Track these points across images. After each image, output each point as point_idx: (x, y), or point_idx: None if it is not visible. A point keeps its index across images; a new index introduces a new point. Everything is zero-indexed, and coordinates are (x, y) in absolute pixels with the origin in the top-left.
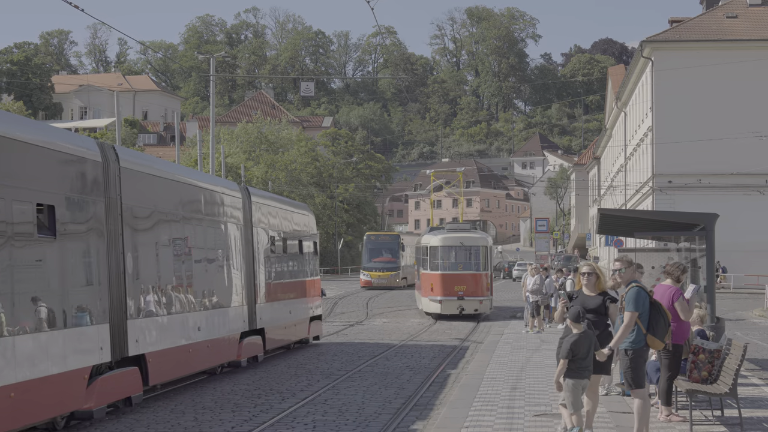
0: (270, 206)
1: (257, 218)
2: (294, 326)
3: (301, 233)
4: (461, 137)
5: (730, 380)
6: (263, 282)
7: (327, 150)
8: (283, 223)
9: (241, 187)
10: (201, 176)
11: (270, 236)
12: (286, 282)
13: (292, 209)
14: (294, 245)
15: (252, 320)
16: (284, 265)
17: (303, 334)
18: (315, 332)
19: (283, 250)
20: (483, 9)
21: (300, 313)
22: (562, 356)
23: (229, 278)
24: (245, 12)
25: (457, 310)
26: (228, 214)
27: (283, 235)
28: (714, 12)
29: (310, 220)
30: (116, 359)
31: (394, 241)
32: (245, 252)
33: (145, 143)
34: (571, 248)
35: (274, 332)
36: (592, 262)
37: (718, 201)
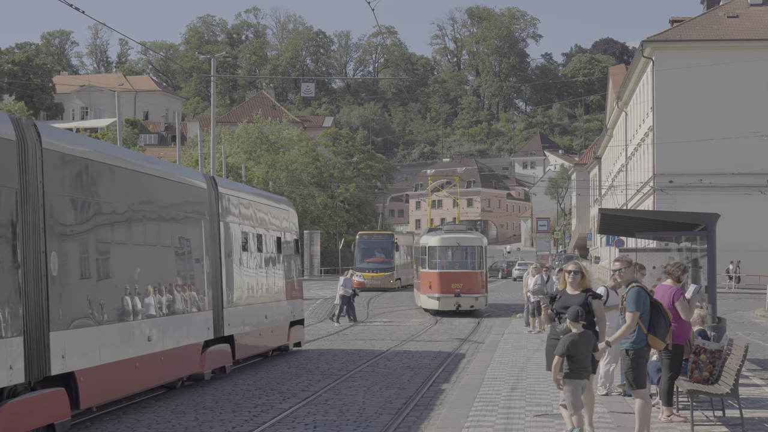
0: (242, 199)
1: (226, 211)
2: (271, 332)
3: (280, 229)
4: (462, 137)
5: (732, 381)
6: (233, 283)
7: (328, 150)
8: (257, 217)
9: (206, 177)
10: (155, 163)
11: (242, 232)
12: (261, 283)
13: (270, 203)
14: (271, 242)
15: (218, 326)
16: (259, 264)
17: (282, 341)
18: (296, 338)
19: (258, 247)
20: (483, 9)
21: (278, 317)
22: (558, 353)
23: (190, 279)
24: (246, 12)
25: (454, 307)
26: (189, 207)
27: (257, 230)
28: (715, 12)
29: (290, 216)
30: (35, 379)
31: (388, 241)
32: (210, 249)
33: (146, 143)
34: (571, 248)
35: (245, 339)
36: (578, 260)
37: (719, 201)
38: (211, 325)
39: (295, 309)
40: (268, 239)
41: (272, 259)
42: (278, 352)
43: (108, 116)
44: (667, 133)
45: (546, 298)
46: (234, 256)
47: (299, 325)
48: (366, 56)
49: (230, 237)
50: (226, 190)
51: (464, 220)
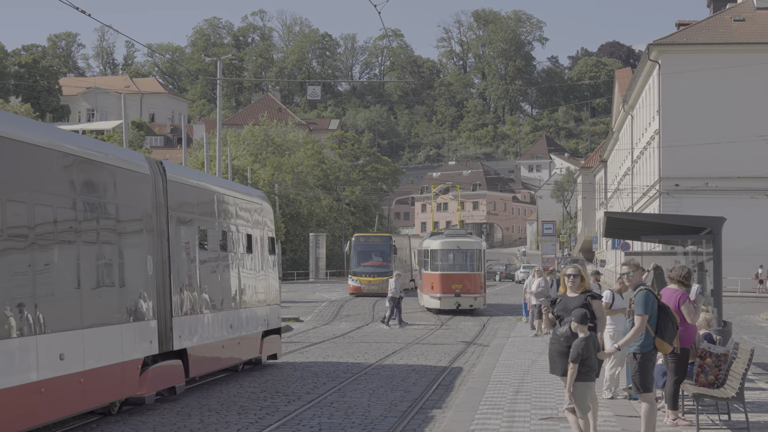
0: (199, 188)
1: (177, 202)
2: (237, 344)
3: (251, 225)
4: (468, 140)
5: (737, 384)
6: (186, 287)
7: (333, 152)
8: (221, 210)
9: (150, 161)
10: (79, 142)
11: (199, 227)
12: (225, 287)
13: (238, 195)
14: (238, 240)
15: (165, 339)
16: (221, 265)
17: (252, 353)
18: (271, 350)
19: (221, 245)
20: (489, 12)
21: (247, 326)
22: (573, 361)
23: (122, 283)
24: (252, 15)
25: (454, 306)
26: (125, 196)
27: (220, 226)
28: (721, 15)
29: (264, 210)
30: None
31: (386, 243)
32: (155, 247)
33: (152, 145)
34: (577, 251)
35: (204, 353)
36: (578, 264)
37: (725, 204)
38: (155, 337)
39: (270, 317)
40: (235, 236)
41: (240, 260)
42: (249, 365)
43: (114, 118)
44: (673, 136)
45: (546, 302)
46: (188, 255)
47: (275, 334)
48: (372, 59)
49: (183, 233)
50: (178, 178)
51: (469, 223)
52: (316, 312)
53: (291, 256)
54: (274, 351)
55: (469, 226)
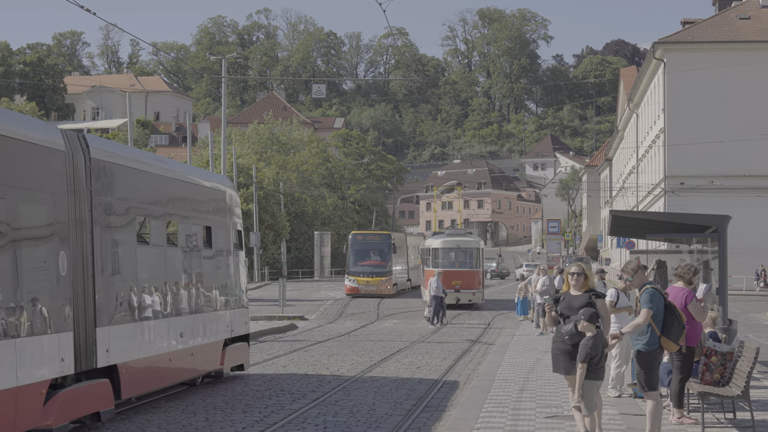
0: (138, 171)
1: (104, 186)
2: (190, 356)
3: (210, 215)
4: (472, 138)
5: (743, 383)
6: (117, 290)
7: (338, 151)
8: (169, 198)
9: (67, 134)
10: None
11: (137, 218)
12: (174, 289)
13: (193, 179)
14: (193, 233)
15: (86, 355)
16: (169, 263)
17: (211, 365)
18: (235, 360)
19: (169, 239)
20: (494, 10)
21: (203, 334)
22: (582, 360)
23: (14, 288)
24: (257, 13)
25: (454, 301)
26: (23, 177)
27: (168, 216)
28: (726, 13)
29: (228, 199)
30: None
31: (384, 242)
32: (72, 242)
33: (156, 144)
34: (582, 250)
35: (141, 369)
36: (582, 262)
37: (731, 203)
38: (69, 353)
39: (235, 322)
40: (188, 228)
41: (195, 256)
42: (210, 379)
43: (119, 117)
44: (679, 134)
45: (550, 300)
46: (121, 251)
47: (241, 342)
48: (377, 57)
49: (114, 224)
50: (107, 156)
51: (474, 222)
52: (320, 310)
53: (296, 254)
54: (239, 361)
55: (474, 224)
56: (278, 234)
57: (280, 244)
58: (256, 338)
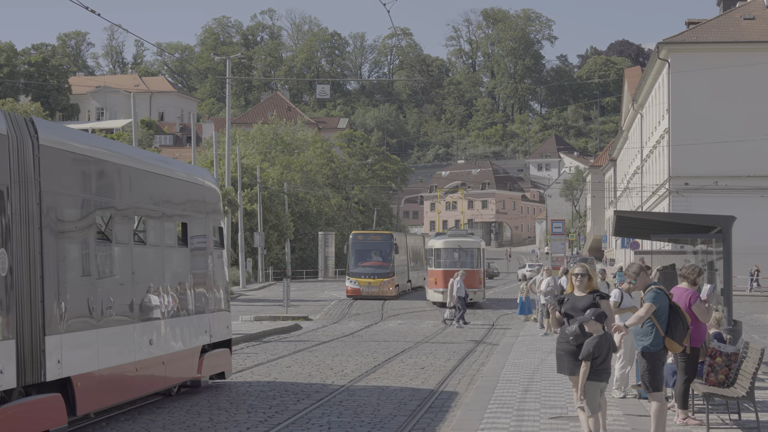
0: (97, 161)
1: (56, 177)
2: (161, 364)
3: (185, 211)
4: (477, 139)
5: (748, 383)
6: (73, 293)
7: (342, 151)
8: (136, 191)
9: (12, 117)
10: None
11: (97, 213)
12: (141, 291)
13: (165, 171)
14: (164, 229)
15: (33, 367)
16: (136, 262)
17: (186, 374)
18: (214, 368)
19: (136, 237)
20: (499, 10)
21: (177, 340)
22: (584, 358)
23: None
24: (261, 14)
25: None
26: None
27: (134, 211)
28: (731, 14)
29: (206, 192)
30: None
31: (386, 242)
32: (14, 239)
33: (161, 144)
34: (586, 250)
35: (102, 380)
36: (586, 263)
37: (735, 203)
38: (11, 365)
39: (214, 326)
40: (159, 224)
41: (167, 255)
42: (187, 388)
43: (123, 117)
44: (683, 135)
45: (554, 301)
46: (76, 249)
47: (222, 348)
48: (381, 58)
49: (68, 218)
50: (59, 143)
51: (478, 222)
52: (325, 311)
53: (300, 254)
54: (219, 369)
55: (478, 225)
56: (282, 234)
57: (284, 245)
58: (260, 338)
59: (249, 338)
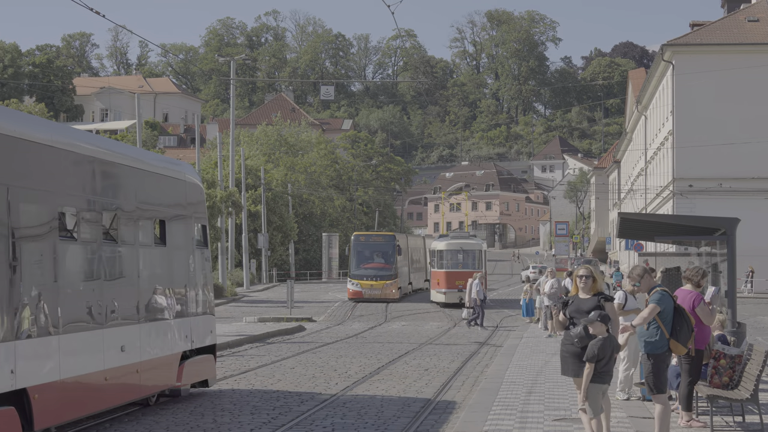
0: (60, 151)
1: (16, 171)
2: (135, 373)
3: (163, 207)
4: (481, 140)
5: (752, 386)
6: (28, 297)
7: (346, 153)
8: (106, 185)
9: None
10: None
11: (54, 208)
12: (112, 294)
13: (138, 163)
14: (139, 227)
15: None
16: (106, 262)
17: (164, 382)
18: (196, 375)
19: (107, 235)
20: (503, 12)
21: (153, 346)
22: (589, 360)
23: None
24: (266, 15)
25: (457, 300)
26: None
27: (103, 207)
28: (735, 15)
29: (187, 188)
30: None
31: (389, 243)
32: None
33: (165, 145)
34: (590, 252)
35: (65, 392)
36: (590, 265)
37: (739, 205)
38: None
39: (196, 331)
40: (133, 222)
41: (143, 254)
42: (165, 398)
43: (128, 118)
44: (687, 137)
45: (559, 303)
46: (29, 247)
47: (205, 354)
48: (385, 59)
49: (23, 214)
50: (10, 131)
51: (482, 224)
52: (328, 312)
53: (304, 256)
54: (202, 376)
55: (482, 226)
56: (286, 235)
57: (288, 246)
58: (264, 339)
59: (253, 339)
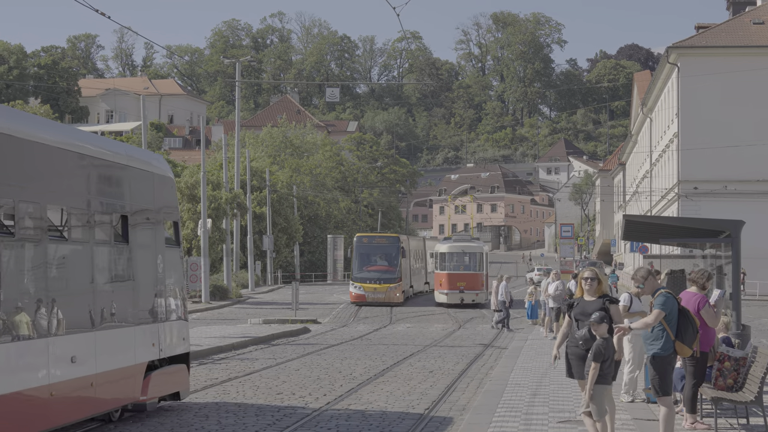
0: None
1: None
2: (89, 386)
3: (126, 201)
4: (486, 142)
5: (756, 388)
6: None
7: (352, 154)
8: (48, 174)
9: None
10: None
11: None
12: (60, 298)
13: (94, 152)
14: (95, 223)
15: None
16: (50, 263)
17: (127, 395)
18: (166, 388)
19: (53, 230)
20: (508, 14)
21: (112, 357)
22: (594, 360)
23: None
24: (271, 17)
25: (458, 300)
26: None
27: (48, 199)
28: (741, 18)
29: (154, 181)
30: None
31: (393, 245)
32: None
33: (170, 147)
34: (595, 254)
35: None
36: (595, 267)
37: (744, 208)
38: None
39: (165, 339)
40: (88, 217)
41: (98, 253)
42: (129, 413)
43: (133, 119)
44: (692, 139)
45: (564, 305)
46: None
47: (176, 365)
48: (390, 61)
49: None
50: None
51: (487, 226)
52: (333, 314)
53: (309, 257)
54: (173, 388)
55: (487, 228)
56: (291, 237)
57: (293, 248)
58: (269, 341)
59: (258, 341)
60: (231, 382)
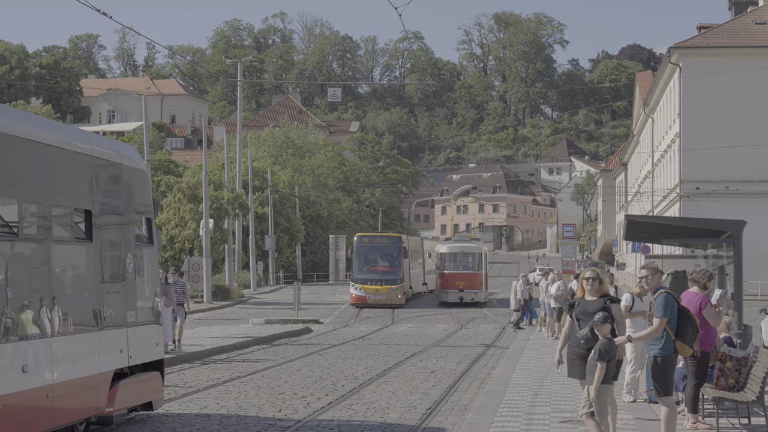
0: None
1: None
2: (45, 398)
3: (86, 195)
4: (488, 142)
5: (758, 388)
6: None
7: (354, 155)
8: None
9: None
10: None
11: None
12: (9, 302)
13: (53, 140)
14: (51, 219)
15: None
16: (1, 265)
17: (90, 406)
18: (136, 398)
19: (2, 225)
20: (510, 14)
21: (72, 365)
22: (600, 359)
23: None
24: (273, 17)
25: (458, 299)
26: None
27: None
28: (742, 18)
29: (123, 174)
30: None
31: (394, 245)
32: None
33: (172, 147)
34: (597, 254)
35: None
36: (597, 267)
37: (746, 208)
38: None
39: (135, 345)
40: (43, 210)
41: (56, 251)
42: (94, 425)
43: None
44: (694, 139)
45: (566, 305)
46: None
47: (148, 372)
48: (392, 61)
49: None
50: None
51: (489, 226)
52: (335, 314)
53: (311, 258)
54: (144, 398)
55: (489, 228)
56: (293, 237)
57: (295, 248)
58: (270, 341)
59: (259, 341)
60: (233, 382)
